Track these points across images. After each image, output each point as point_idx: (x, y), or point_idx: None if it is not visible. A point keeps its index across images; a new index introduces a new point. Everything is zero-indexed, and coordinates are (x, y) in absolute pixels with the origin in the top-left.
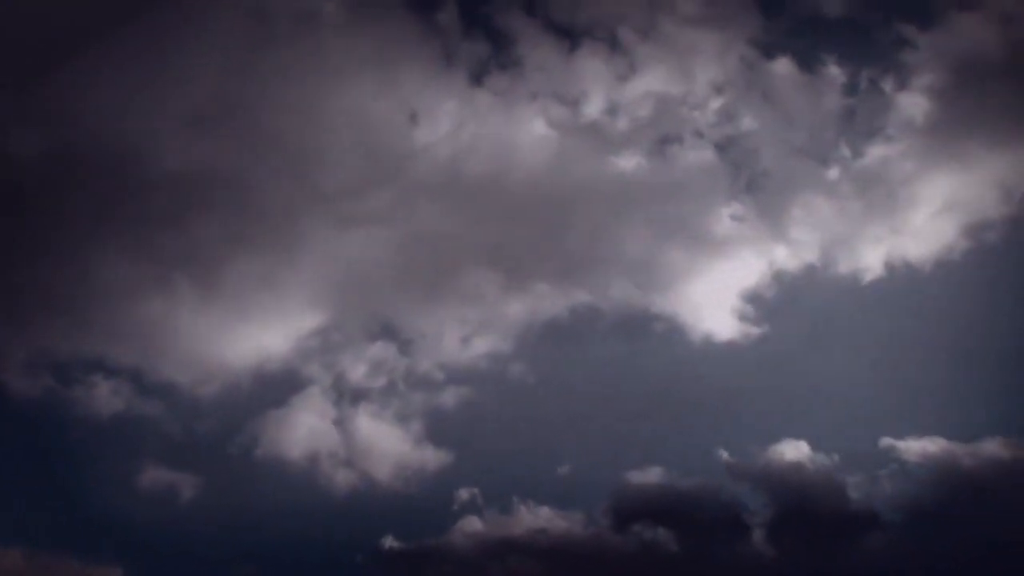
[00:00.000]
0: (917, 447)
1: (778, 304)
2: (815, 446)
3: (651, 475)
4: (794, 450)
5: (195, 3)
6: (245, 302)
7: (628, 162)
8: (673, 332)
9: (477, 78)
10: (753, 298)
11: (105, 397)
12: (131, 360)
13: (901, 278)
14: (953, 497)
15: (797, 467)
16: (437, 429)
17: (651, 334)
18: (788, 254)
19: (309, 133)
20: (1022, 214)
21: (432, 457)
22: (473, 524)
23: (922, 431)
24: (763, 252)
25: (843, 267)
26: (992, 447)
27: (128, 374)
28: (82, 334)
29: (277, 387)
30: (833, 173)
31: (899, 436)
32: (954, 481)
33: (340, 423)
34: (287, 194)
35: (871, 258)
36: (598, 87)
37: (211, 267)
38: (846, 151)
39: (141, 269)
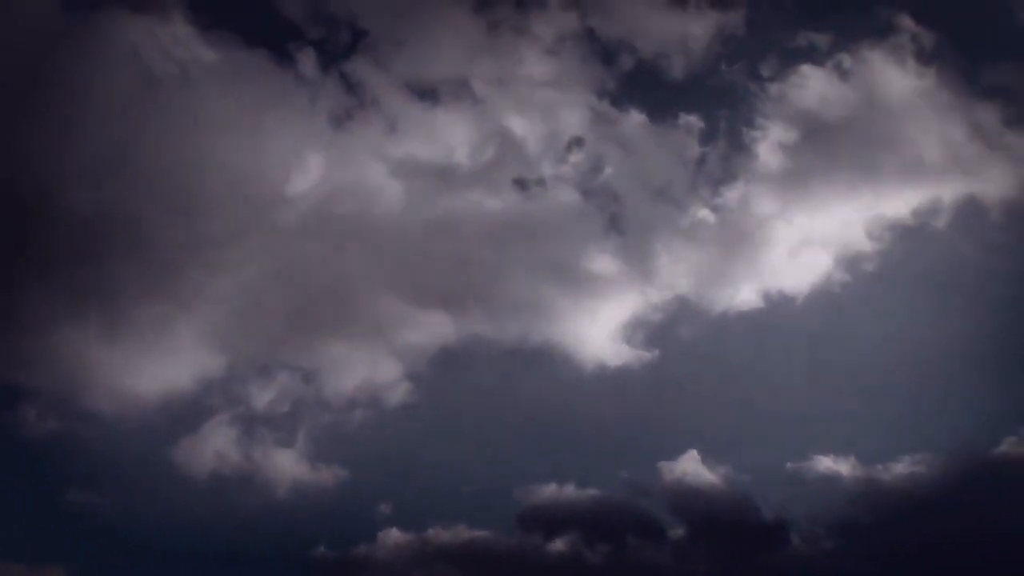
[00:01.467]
0: (825, 464)
1: (662, 333)
2: (706, 459)
3: (556, 491)
4: (690, 464)
5: (95, 66)
6: (151, 337)
7: (497, 203)
8: (564, 360)
9: (339, 123)
10: (637, 328)
11: (31, 422)
12: (53, 387)
13: (778, 308)
14: (850, 509)
15: (695, 479)
16: (339, 450)
17: (543, 362)
18: (661, 290)
19: (195, 182)
20: (889, 247)
21: (335, 476)
22: (393, 536)
23: (813, 449)
24: (638, 289)
25: (718, 300)
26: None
27: (50, 401)
28: (8, 363)
29: (186, 416)
30: (695, 215)
31: (792, 453)
32: (840, 494)
33: (246, 448)
34: (177, 239)
35: (745, 291)
36: (458, 132)
37: (119, 304)
38: (707, 195)
39: (58, 303)
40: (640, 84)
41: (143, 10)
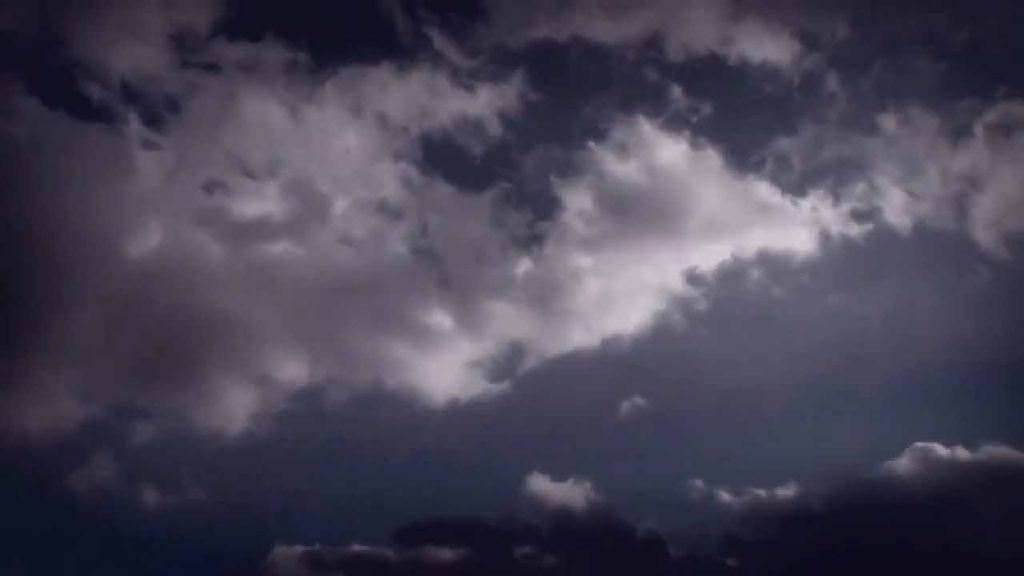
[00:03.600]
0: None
1: (504, 369)
2: (556, 477)
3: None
4: (542, 483)
5: None
6: (32, 383)
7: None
8: (416, 398)
9: (169, 185)
10: (475, 371)
11: None
12: None
13: (612, 347)
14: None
15: (556, 498)
16: (216, 482)
17: (397, 401)
18: (494, 338)
19: (53, 241)
20: (707, 292)
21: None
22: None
23: (686, 472)
24: (471, 338)
25: (550, 343)
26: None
27: None
28: None
29: (72, 455)
30: (516, 271)
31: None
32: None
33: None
34: (36, 295)
35: (576, 334)
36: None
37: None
38: (524, 254)
39: None
40: (448, 156)
41: None
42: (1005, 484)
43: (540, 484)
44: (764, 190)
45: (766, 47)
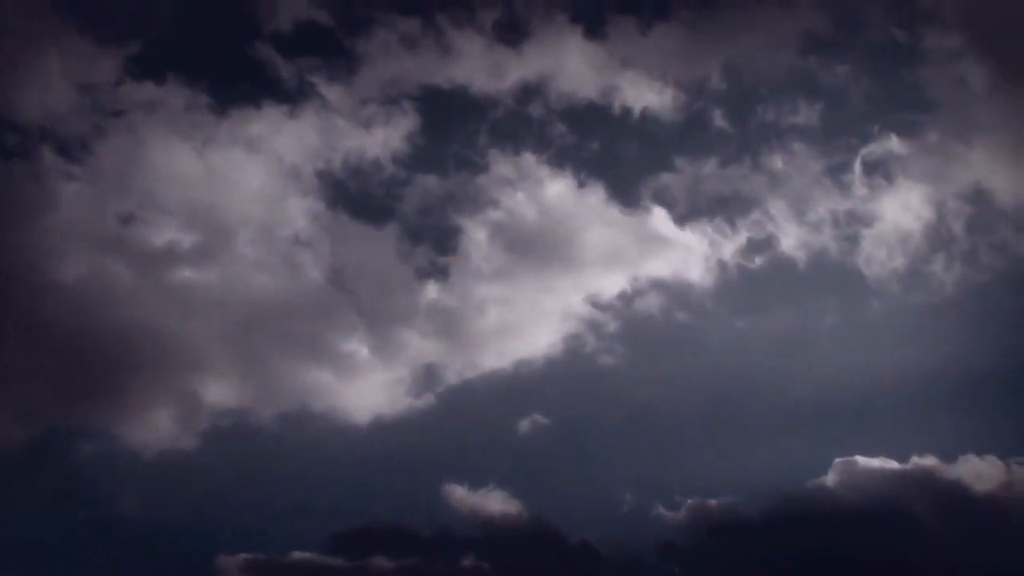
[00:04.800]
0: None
1: (420, 390)
2: (472, 485)
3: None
4: (460, 492)
5: None
6: None
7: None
8: (340, 417)
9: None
10: (396, 388)
11: None
12: None
13: (522, 368)
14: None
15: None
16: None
17: (322, 420)
18: (409, 363)
19: None
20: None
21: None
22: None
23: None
24: (388, 365)
25: (463, 367)
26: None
27: None
28: None
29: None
30: (425, 301)
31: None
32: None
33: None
34: None
35: (486, 358)
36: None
37: None
38: (432, 286)
39: None
40: (348, 193)
41: None
42: (932, 493)
43: (458, 493)
44: (657, 222)
45: (646, 96)
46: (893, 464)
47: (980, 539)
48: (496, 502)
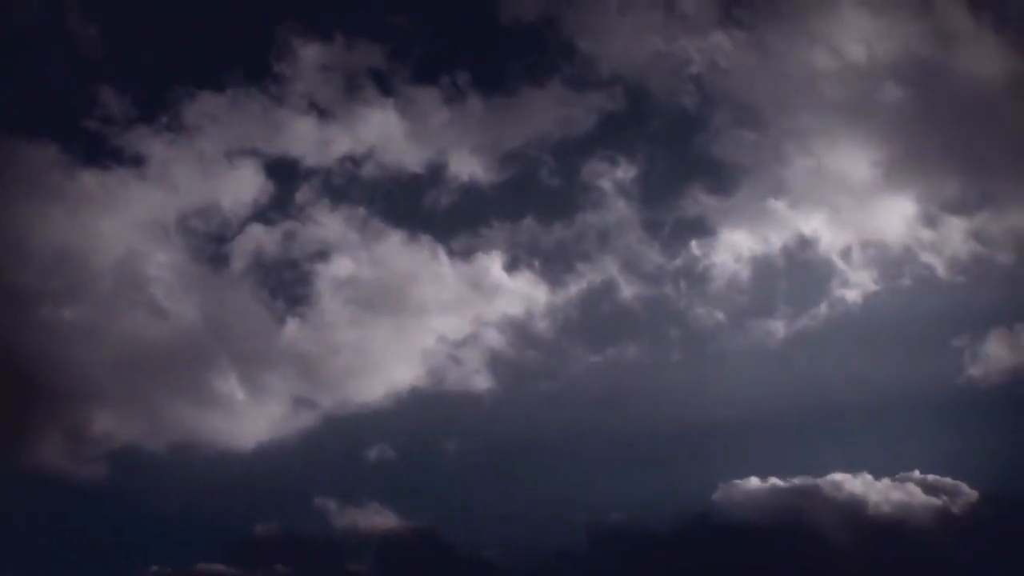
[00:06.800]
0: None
1: (291, 424)
2: (346, 501)
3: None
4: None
5: None
6: None
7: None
8: (224, 445)
9: None
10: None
11: None
12: None
13: (388, 400)
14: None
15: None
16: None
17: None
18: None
19: None
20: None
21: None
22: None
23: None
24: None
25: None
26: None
27: None
28: None
29: None
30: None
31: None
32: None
33: None
34: None
35: (354, 390)
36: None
37: None
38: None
39: None
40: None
41: None
42: (830, 508)
43: (332, 506)
44: (491, 271)
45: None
46: (779, 482)
47: (867, 547)
48: (375, 516)
